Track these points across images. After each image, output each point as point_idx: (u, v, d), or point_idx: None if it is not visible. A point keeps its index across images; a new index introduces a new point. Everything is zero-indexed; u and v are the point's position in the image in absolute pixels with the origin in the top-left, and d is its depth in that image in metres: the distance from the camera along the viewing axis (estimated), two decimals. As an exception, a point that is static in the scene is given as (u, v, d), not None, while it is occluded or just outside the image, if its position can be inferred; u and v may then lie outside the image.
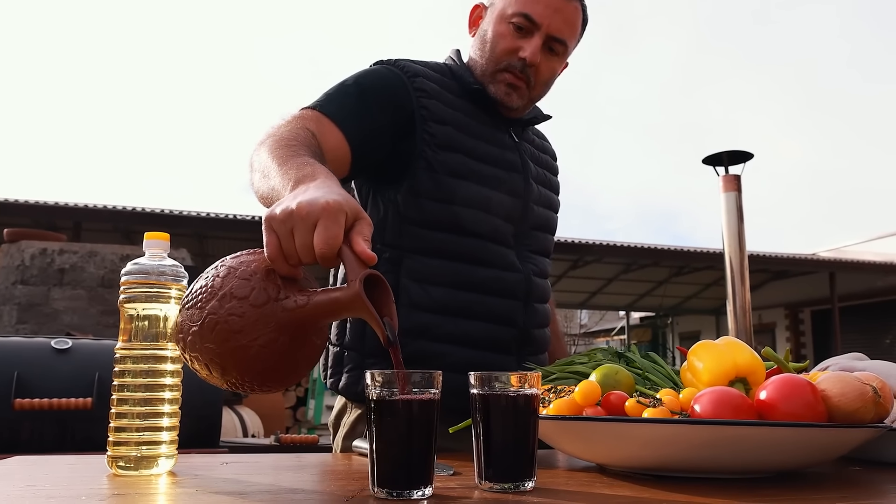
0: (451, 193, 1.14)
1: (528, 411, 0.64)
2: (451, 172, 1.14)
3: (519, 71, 1.19)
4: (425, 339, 1.10)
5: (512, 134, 1.29)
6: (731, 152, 4.20)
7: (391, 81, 1.16)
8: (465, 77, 1.24)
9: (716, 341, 0.77)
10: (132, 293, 0.78)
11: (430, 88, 1.18)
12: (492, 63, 1.21)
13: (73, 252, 5.47)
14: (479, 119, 1.23)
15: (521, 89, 1.21)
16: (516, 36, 1.19)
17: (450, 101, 1.20)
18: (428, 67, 1.24)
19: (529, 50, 1.17)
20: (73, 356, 2.25)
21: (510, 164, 1.23)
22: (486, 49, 1.22)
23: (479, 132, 1.21)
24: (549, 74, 1.24)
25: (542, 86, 1.24)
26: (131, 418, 0.76)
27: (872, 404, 0.67)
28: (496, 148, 1.22)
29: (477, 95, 1.23)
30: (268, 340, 0.67)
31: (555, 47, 1.21)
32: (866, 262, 12.28)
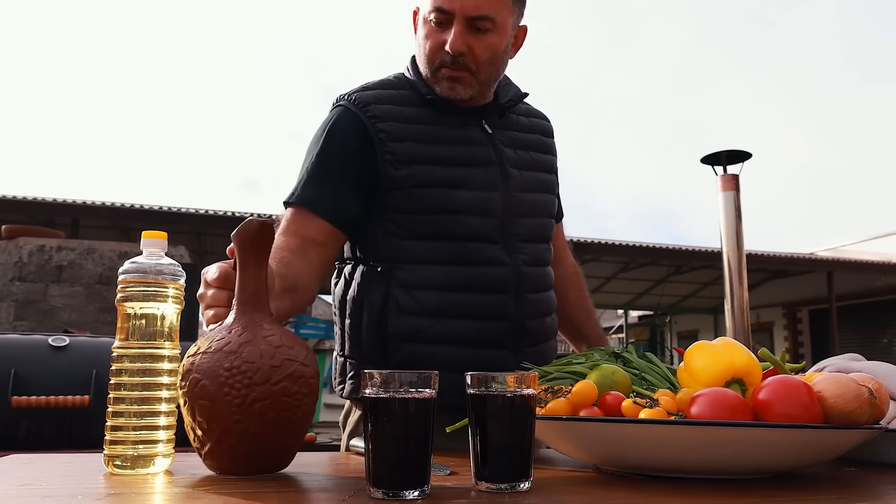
0: (423, 203, 1.18)
1: (525, 412, 0.64)
2: (418, 184, 1.17)
3: (451, 63, 1.19)
4: (416, 342, 1.14)
5: (485, 125, 1.28)
6: (729, 152, 4.21)
7: (348, 125, 1.21)
8: (420, 86, 1.25)
9: (712, 342, 0.77)
10: (130, 292, 0.78)
11: (382, 112, 1.21)
12: (428, 65, 1.22)
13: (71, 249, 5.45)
14: (444, 122, 1.24)
15: (463, 79, 1.20)
16: (439, 31, 1.19)
17: (407, 116, 1.22)
18: (384, 87, 1.27)
19: (451, 40, 1.16)
20: (70, 353, 2.25)
21: (482, 159, 1.23)
22: (421, 53, 1.24)
23: (443, 136, 1.22)
24: (489, 53, 1.20)
25: (487, 66, 1.21)
26: (128, 417, 0.76)
27: (868, 406, 0.67)
28: (464, 147, 1.23)
29: (437, 99, 1.23)
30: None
31: (480, 25, 1.18)
32: (864, 261, 12.30)
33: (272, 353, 0.73)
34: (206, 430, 0.72)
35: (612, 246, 11.11)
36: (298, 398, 0.74)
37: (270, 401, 0.71)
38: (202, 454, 0.74)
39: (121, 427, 0.76)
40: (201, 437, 0.73)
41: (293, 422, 0.73)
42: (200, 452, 0.74)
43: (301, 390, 0.74)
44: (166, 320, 0.80)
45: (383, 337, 1.15)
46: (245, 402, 0.71)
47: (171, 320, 0.80)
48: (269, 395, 0.71)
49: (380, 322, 1.15)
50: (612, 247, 11.13)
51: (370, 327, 1.17)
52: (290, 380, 0.73)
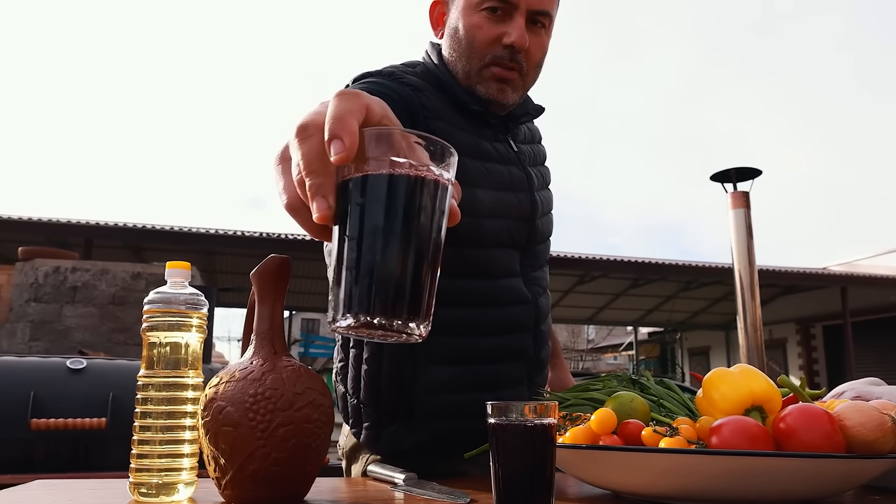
0: (462, 234, 1.00)
1: (545, 441, 0.65)
2: (462, 210, 1.03)
3: (508, 60, 1.04)
4: (447, 393, 1.04)
5: (510, 142, 1.14)
6: (739, 169, 4.22)
7: (401, 94, 1.01)
8: (454, 87, 1.08)
9: (731, 369, 0.77)
10: (154, 321, 0.80)
11: (436, 107, 1.04)
12: (475, 59, 1.05)
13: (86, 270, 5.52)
14: (481, 134, 1.08)
15: (514, 81, 1.06)
16: (493, 22, 1.03)
17: (454, 120, 1.05)
18: (418, 77, 1.07)
19: (515, 33, 1.02)
20: (87, 376, 2.27)
21: (517, 184, 1.10)
22: (464, 45, 1.06)
23: (486, 153, 1.07)
24: (541, 53, 1.08)
25: (535, 69, 1.09)
26: (153, 445, 0.77)
27: (892, 434, 0.67)
28: (503, 167, 1.08)
29: (472, 103, 1.08)
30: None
31: (540, 20, 1.05)
32: (879, 276, 12.18)
33: (294, 380, 0.75)
34: (229, 458, 0.73)
35: (621, 262, 11.09)
36: (318, 426, 0.75)
37: (293, 427, 0.72)
38: (222, 484, 0.75)
39: (146, 455, 0.77)
40: (223, 465, 0.74)
41: (313, 449, 0.74)
42: (220, 482, 0.75)
43: (321, 418, 0.75)
44: (190, 349, 0.81)
45: (410, 388, 1.03)
46: (269, 427, 0.72)
47: (195, 349, 0.82)
48: (291, 421, 0.72)
49: (405, 372, 1.03)
50: (621, 263, 11.11)
51: (392, 377, 1.03)
52: (311, 407, 0.74)
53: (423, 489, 0.83)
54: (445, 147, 0.48)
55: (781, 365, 14.46)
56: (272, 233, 9.57)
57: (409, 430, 1.05)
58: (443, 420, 1.04)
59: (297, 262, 9.32)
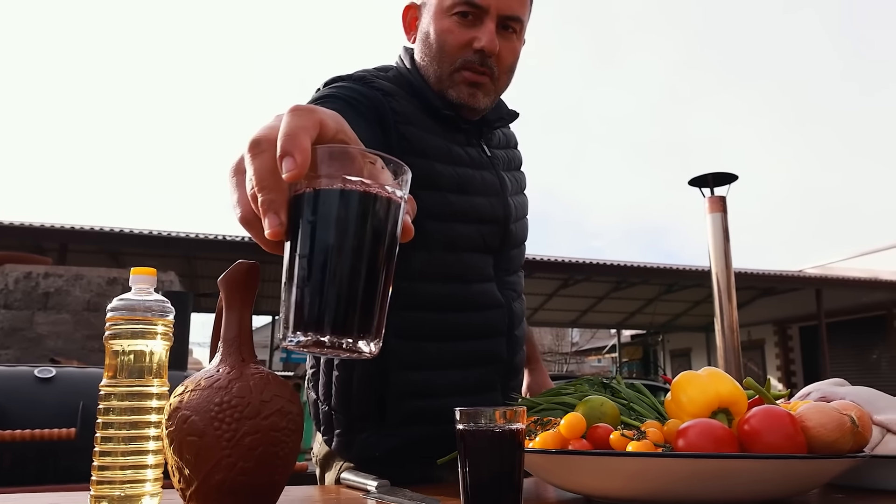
0: (432, 239, 1.01)
1: (513, 447, 0.65)
2: (432, 215, 1.00)
3: (479, 65, 1.04)
4: (419, 398, 1.03)
5: (483, 146, 1.14)
6: (716, 174, 4.28)
7: (371, 98, 1.00)
8: (426, 91, 1.08)
9: (698, 372, 0.78)
10: (117, 329, 0.78)
11: (407, 111, 1.03)
12: (446, 64, 1.05)
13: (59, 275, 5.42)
14: (453, 139, 1.08)
15: (485, 85, 1.06)
16: (464, 26, 1.03)
17: (425, 125, 1.05)
18: (390, 81, 1.07)
19: (485, 38, 1.02)
20: (57, 385, 2.22)
21: (489, 188, 1.09)
22: (434, 50, 1.06)
23: (458, 157, 1.07)
24: (513, 58, 1.08)
25: (506, 74, 1.08)
26: (115, 456, 0.76)
27: (851, 434, 0.68)
28: (475, 172, 1.08)
29: (443, 108, 1.07)
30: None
31: (510, 25, 1.05)
32: (852, 278, 12.42)
33: (261, 388, 0.74)
34: (194, 468, 0.72)
35: (603, 266, 11.18)
36: (286, 434, 0.74)
37: (260, 435, 0.71)
38: (187, 495, 0.74)
39: (108, 466, 0.75)
40: (188, 475, 0.72)
41: (280, 458, 0.73)
42: (185, 493, 0.74)
43: (289, 426, 0.74)
44: (155, 357, 0.79)
45: (382, 393, 1.02)
46: (235, 436, 0.70)
47: (160, 357, 0.80)
48: (258, 430, 0.71)
49: (377, 377, 1.02)
50: (604, 267, 11.19)
51: (363, 382, 1.03)
52: (279, 415, 0.73)
53: (396, 496, 0.82)
54: (399, 164, 0.48)
55: (760, 365, 14.66)
56: (252, 238, 9.48)
57: (381, 436, 1.04)
58: (415, 425, 1.03)
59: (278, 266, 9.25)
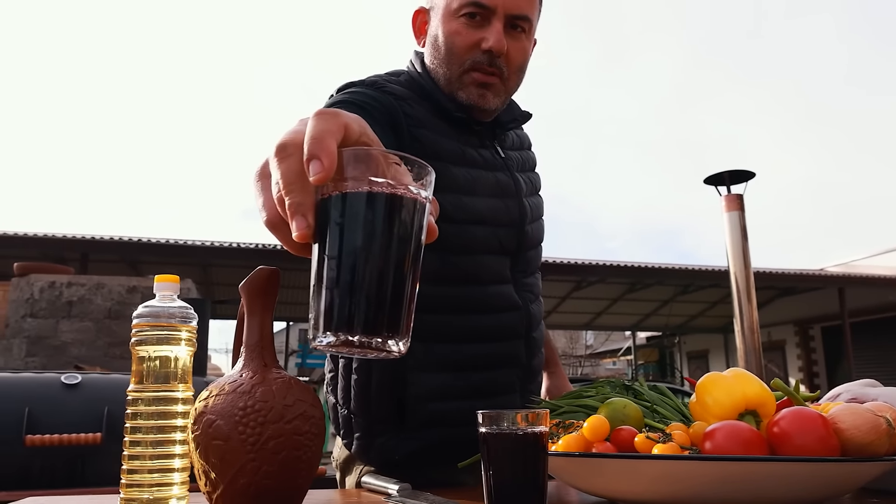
0: (448, 241, 0.99)
1: (537, 450, 0.64)
2: (446, 217, 1.01)
3: (487, 65, 1.04)
4: (439, 401, 1.03)
5: (497, 148, 1.14)
6: (732, 172, 4.23)
7: (384, 103, 1.01)
8: (437, 94, 1.08)
9: (724, 373, 0.77)
10: (143, 336, 0.79)
11: (420, 115, 1.04)
12: (455, 65, 1.06)
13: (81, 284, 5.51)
14: (466, 141, 1.08)
15: (494, 86, 1.06)
16: (472, 28, 1.04)
17: (438, 127, 1.05)
18: (402, 86, 1.07)
19: (493, 38, 1.02)
20: (82, 391, 2.26)
21: (504, 190, 1.10)
22: (443, 52, 1.06)
23: (472, 159, 1.07)
24: (522, 58, 1.08)
25: (516, 74, 1.08)
26: (143, 460, 0.77)
27: (886, 436, 0.66)
28: (489, 173, 1.09)
29: (455, 111, 1.07)
30: None
31: (519, 25, 1.05)
32: (876, 276, 12.20)
33: (284, 393, 0.74)
34: (219, 472, 0.72)
35: (618, 267, 11.09)
36: (309, 438, 0.74)
37: (283, 439, 0.72)
38: (213, 498, 0.74)
39: (136, 470, 0.76)
40: (214, 479, 0.73)
41: (304, 462, 0.74)
42: (211, 497, 0.74)
43: (312, 430, 0.74)
44: (179, 362, 0.80)
45: (401, 397, 1.02)
46: (259, 440, 0.71)
47: (185, 362, 0.81)
48: (282, 434, 0.72)
49: (395, 380, 1.02)
50: (618, 268, 11.11)
51: (382, 385, 1.02)
52: (302, 419, 0.74)
53: (417, 500, 0.82)
54: (423, 165, 0.49)
55: (781, 367, 14.45)
56: (268, 244, 9.56)
57: (401, 439, 1.04)
58: (435, 428, 1.03)
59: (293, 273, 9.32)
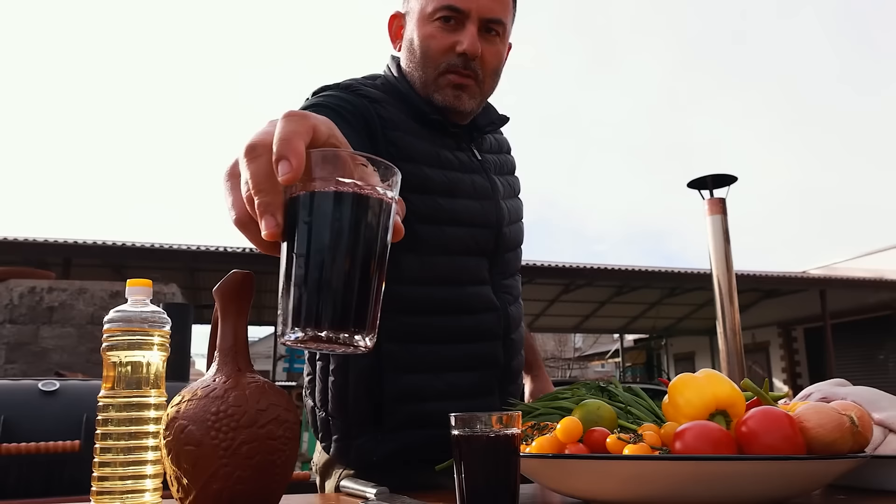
0: (425, 242, 1.03)
1: (509, 452, 0.65)
2: (422, 218, 1.02)
3: (462, 68, 1.06)
4: (416, 402, 1.03)
5: (474, 150, 1.15)
6: (715, 176, 4.27)
7: (358, 106, 1.02)
8: (413, 97, 1.09)
9: (696, 374, 0.77)
10: (114, 341, 0.78)
11: (394, 117, 1.05)
12: (430, 69, 1.07)
13: (62, 290, 5.44)
14: (442, 143, 1.09)
15: (469, 87, 1.07)
16: (446, 31, 1.05)
17: (413, 130, 1.06)
18: (377, 89, 1.09)
19: (467, 41, 1.04)
20: (60, 398, 2.23)
21: (480, 192, 1.11)
22: (419, 55, 1.08)
23: (447, 161, 1.08)
24: (497, 61, 1.09)
25: (491, 76, 1.10)
26: (115, 467, 0.76)
27: (850, 434, 0.67)
28: (465, 175, 1.10)
29: (432, 114, 1.09)
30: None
31: (493, 28, 1.07)
32: (857, 278, 12.36)
33: (257, 397, 0.74)
34: (192, 478, 0.72)
35: (605, 270, 11.15)
36: (283, 442, 0.74)
37: (257, 444, 0.71)
38: None
39: (108, 477, 0.76)
40: (186, 485, 0.73)
41: (278, 466, 0.73)
42: (184, 503, 0.74)
43: (285, 434, 0.74)
44: (152, 367, 0.80)
45: (377, 397, 1.03)
46: (232, 445, 0.71)
47: (157, 367, 0.81)
48: (255, 438, 0.72)
49: (372, 381, 1.02)
50: (605, 271, 11.17)
51: (359, 387, 1.03)
52: (276, 423, 0.73)
53: (394, 503, 0.82)
54: (389, 166, 0.50)
55: (765, 368, 14.59)
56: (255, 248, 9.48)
57: (379, 441, 1.04)
58: (413, 429, 1.03)
59: (279, 277, 9.25)
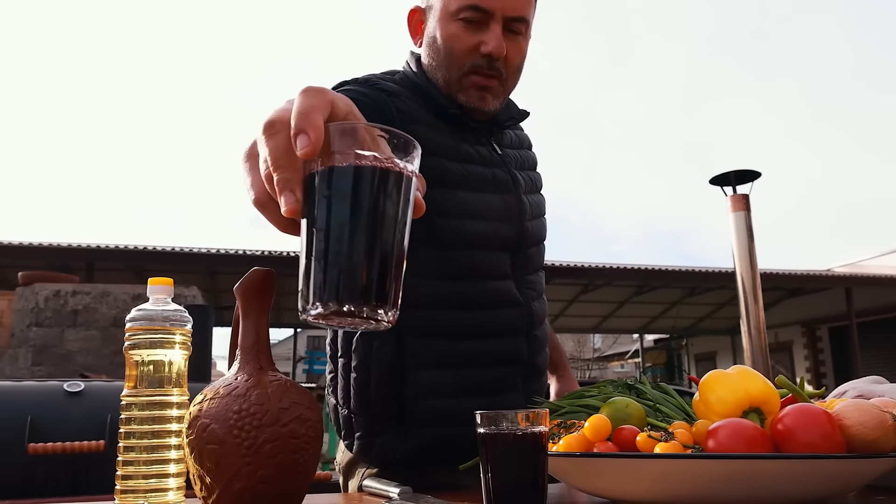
0: (445, 236, 1.02)
1: (536, 450, 0.63)
2: (442, 212, 1.02)
3: (487, 68, 1.05)
4: (438, 398, 1.02)
5: (494, 145, 1.15)
6: (738, 172, 4.20)
7: (376, 99, 1.02)
8: (434, 93, 1.09)
9: (728, 370, 0.75)
10: (137, 339, 0.78)
11: (413, 110, 1.05)
12: (454, 69, 1.06)
13: (86, 293, 5.52)
14: (462, 137, 1.09)
15: (494, 88, 1.07)
16: (470, 31, 1.04)
17: (432, 123, 1.06)
18: (396, 83, 1.09)
19: (492, 42, 1.03)
20: (85, 398, 2.25)
21: (501, 185, 1.10)
22: (442, 55, 1.07)
23: (467, 155, 1.08)
24: (520, 58, 1.09)
25: (514, 74, 1.10)
26: (138, 465, 0.76)
27: (892, 432, 0.65)
28: (486, 169, 1.09)
29: (452, 108, 1.08)
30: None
31: (516, 27, 1.06)
32: (883, 276, 12.12)
33: (280, 395, 0.73)
34: (215, 476, 0.71)
35: (624, 270, 11.06)
36: (306, 441, 0.73)
37: (280, 442, 0.71)
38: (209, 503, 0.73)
39: (131, 476, 0.75)
40: (209, 484, 0.72)
41: (300, 465, 0.72)
42: (207, 502, 0.73)
43: (308, 433, 0.73)
44: (174, 366, 0.79)
45: (399, 394, 1.01)
46: (255, 444, 0.70)
47: (179, 366, 0.80)
48: (278, 437, 0.71)
49: (394, 378, 1.01)
50: (624, 271, 11.07)
51: (381, 384, 1.02)
52: (298, 422, 0.73)
53: (418, 503, 0.81)
54: (409, 140, 0.49)
55: (788, 368, 14.36)
56: (274, 251, 9.57)
57: (401, 438, 1.03)
58: (435, 426, 1.02)
59: (298, 278, 9.32)
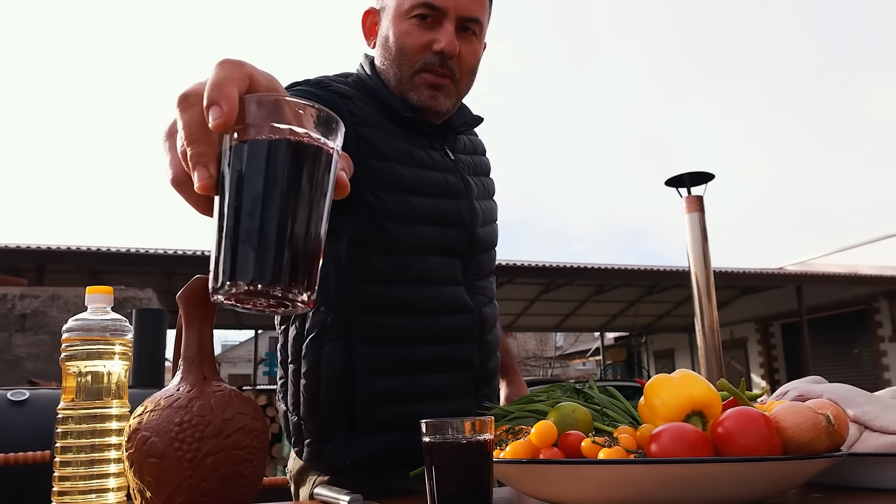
0: (397, 241, 1.01)
1: (481, 458, 0.63)
2: (395, 217, 1.01)
3: (439, 66, 1.04)
4: (389, 405, 1.01)
5: (446, 150, 1.13)
6: (692, 174, 4.30)
7: (328, 101, 0.99)
8: (385, 95, 1.07)
9: (672, 375, 0.77)
10: (74, 350, 0.76)
11: (366, 113, 1.03)
12: (406, 66, 1.05)
13: (35, 296, 5.32)
14: (415, 142, 1.08)
15: (446, 87, 1.06)
16: (423, 29, 1.03)
17: (385, 127, 1.05)
18: (349, 86, 1.07)
19: (445, 39, 1.02)
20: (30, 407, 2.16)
21: (453, 191, 1.09)
22: (394, 53, 1.06)
23: (421, 160, 1.07)
24: (473, 60, 1.08)
25: (467, 76, 1.09)
26: (76, 480, 0.73)
27: (826, 433, 0.67)
28: (438, 174, 1.08)
29: (404, 111, 1.07)
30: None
31: (470, 27, 1.05)
32: (832, 273, 12.57)
33: (223, 406, 0.71)
34: (155, 490, 0.69)
35: (585, 269, 11.21)
36: (250, 452, 0.71)
37: (223, 454, 0.69)
38: None
39: (68, 491, 0.73)
40: (150, 499, 0.70)
41: (245, 477, 0.71)
42: None
43: (253, 444, 0.72)
44: (113, 377, 0.77)
45: (349, 401, 1.01)
46: (197, 456, 0.68)
47: (119, 377, 0.78)
48: (221, 449, 0.69)
49: (344, 385, 1.00)
50: (585, 270, 11.23)
51: (331, 390, 1.01)
52: (242, 433, 0.71)
53: (368, 511, 0.80)
54: (331, 116, 0.47)
55: (743, 364, 14.78)
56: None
57: (351, 445, 1.02)
58: (386, 433, 1.02)
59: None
